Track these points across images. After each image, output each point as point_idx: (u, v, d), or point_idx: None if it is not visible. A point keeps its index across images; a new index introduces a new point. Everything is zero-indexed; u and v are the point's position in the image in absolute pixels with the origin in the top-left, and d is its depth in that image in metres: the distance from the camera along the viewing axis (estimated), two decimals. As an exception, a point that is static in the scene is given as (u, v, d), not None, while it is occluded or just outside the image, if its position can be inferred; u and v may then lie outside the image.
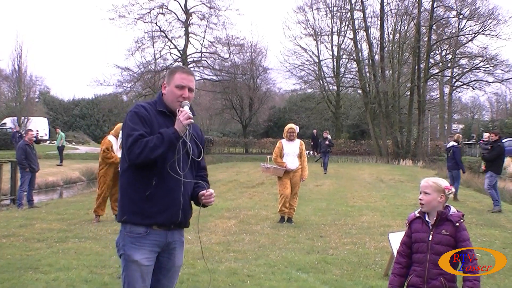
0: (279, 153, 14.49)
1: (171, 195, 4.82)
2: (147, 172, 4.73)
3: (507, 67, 60.30)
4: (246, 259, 10.08)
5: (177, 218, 4.89)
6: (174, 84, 4.96)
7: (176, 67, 5.22)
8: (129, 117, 4.82)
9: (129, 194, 4.81)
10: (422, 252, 5.25)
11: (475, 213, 17.78)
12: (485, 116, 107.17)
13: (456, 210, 5.29)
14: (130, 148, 4.65)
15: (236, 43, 60.75)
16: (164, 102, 5.01)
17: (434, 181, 5.33)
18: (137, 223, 4.78)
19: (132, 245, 4.77)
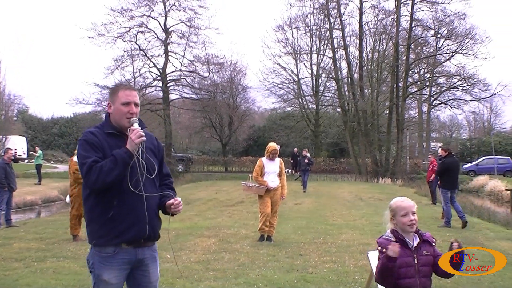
0: (260, 171, 14.49)
1: (134, 211, 4.85)
2: (107, 194, 4.77)
3: (484, 86, 60.92)
4: (226, 277, 10.05)
5: (144, 233, 4.93)
6: (119, 102, 4.99)
7: (118, 85, 5.27)
8: (80, 146, 4.86)
9: (94, 219, 4.87)
10: (411, 276, 5.12)
11: (454, 231, 17.86)
12: (463, 135, 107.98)
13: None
14: (86, 175, 4.70)
15: (215, 61, 60.70)
16: (111, 123, 5.04)
17: (411, 201, 5.32)
18: (106, 244, 4.83)
19: (101, 264, 4.83)
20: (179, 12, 58.10)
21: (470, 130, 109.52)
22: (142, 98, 59.20)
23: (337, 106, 64.51)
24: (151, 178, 4.99)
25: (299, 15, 62.03)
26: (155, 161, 5.10)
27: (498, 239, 16.71)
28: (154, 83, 59.60)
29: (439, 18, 55.87)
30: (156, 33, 58.28)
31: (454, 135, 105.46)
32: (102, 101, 57.62)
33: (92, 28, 55.59)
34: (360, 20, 55.65)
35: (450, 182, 19.65)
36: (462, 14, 55.17)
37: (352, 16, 58.74)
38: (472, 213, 24.67)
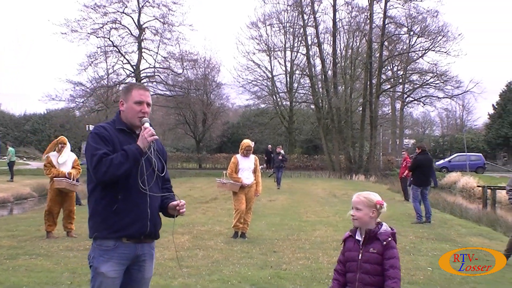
0: (235, 168, 14.49)
1: (137, 208, 4.90)
2: (112, 188, 4.81)
3: (456, 83, 61.41)
4: (200, 274, 10.04)
5: (145, 229, 4.97)
6: (132, 100, 5.05)
7: (132, 84, 5.29)
8: (90, 139, 4.88)
9: (98, 211, 4.89)
10: (353, 271, 5.16)
11: (426, 228, 17.98)
12: (435, 131, 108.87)
13: (388, 228, 5.22)
14: (96, 167, 4.71)
15: (189, 58, 60.74)
16: (122, 120, 5.10)
17: (365, 196, 5.28)
18: (107, 237, 4.85)
19: (101, 257, 4.85)
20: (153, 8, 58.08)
21: (442, 127, 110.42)
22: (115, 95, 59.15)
23: (311, 103, 64.69)
24: (156, 178, 5.06)
25: (273, 12, 62.20)
26: (160, 163, 5.19)
27: (470, 235, 16.85)
28: (128, 79, 59.54)
29: (412, 16, 56.28)
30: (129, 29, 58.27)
31: (427, 132, 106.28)
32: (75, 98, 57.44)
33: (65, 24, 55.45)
34: (333, 17, 55.92)
35: (421, 178, 19.78)
36: (434, 12, 55.58)
37: (325, 13, 59.02)
38: (444, 209, 24.86)
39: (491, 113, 78.26)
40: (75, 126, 63.51)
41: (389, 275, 4.93)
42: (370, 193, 5.37)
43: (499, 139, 74.36)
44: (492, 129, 75.81)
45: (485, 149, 76.25)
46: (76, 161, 14.99)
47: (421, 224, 18.86)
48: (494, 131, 75.05)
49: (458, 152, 67.67)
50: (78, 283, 9.33)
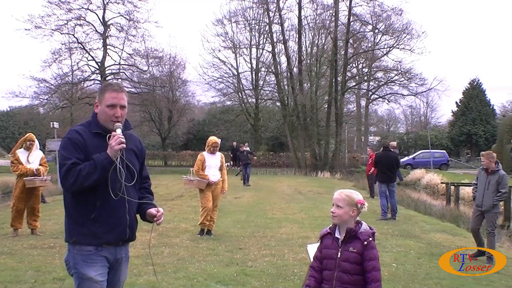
0: (201, 165, 14.47)
1: (116, 214, 4.84)
2: (90, 194, 4.70)
3: (420, 81, 61.93)
4: (165, 272, 10.03)
5: (124, 236, 4.95)
6: (105, 103, 4.89)
7: (106, 85, 5.11)
8: (62, 145, 4.77)
9: (74, 216, 4.79)
10: (330, 269, 5.12)
11: (391, 224, 18.13)
12: (400, 129, 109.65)
13: (368, 227, 5.20)
14: (64, 177, 4.62)
15: (155, 55, 60.45)
16: (98, 122, 4.94)
17: (347, 194, 5.22)
18: (87, 243, 4.77)
19: (84, 262, 4.76)
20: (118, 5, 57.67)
21: (407, 124, 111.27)
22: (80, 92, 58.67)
23: (277, 100, 64.79)
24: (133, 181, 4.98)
25: (239, 9, 62.10)
26: (136, 165, 5.10)
27: (434, 232, 17.04)
28: (93, 76, 59.18)
29: (376, 13, 56.45)
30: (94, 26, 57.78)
31: (392, 129, 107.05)
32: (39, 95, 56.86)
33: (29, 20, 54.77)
34: (299, 14, 55.97)
35: (381, 175, 19.99)
36: (399, 10, 55.87)
37: (291, 10, 59.40)
38: (409, 206, 25.08)
39: (455, 111, 79.11)
40: (39, 124, 62.68)
41: (371, 277, 4.92)
42: (352, 191, 5.33)
43: (462, 136, 75.23)
44: (456, 126, 76.68)
45: (448, 146, 77.03)
46: (43, 158, 14.91)
47: (385, 220, 19.03)
48: (457, 128, 75.91)
49: (422, 149, 68.27)
50: (42, 281, 9.27)
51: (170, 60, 65.43)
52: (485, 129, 73.80)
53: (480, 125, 73.82)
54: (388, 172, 20.07)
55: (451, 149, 76.04)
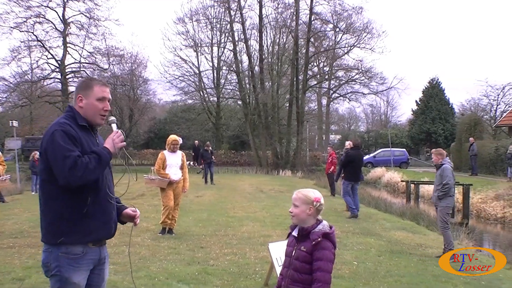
0: (162, 164, 14.42)
1: (106, 210, 4.83)
2: (83, 190, 4.63)
3: (381, 80, 62.52)
4: (127, 271, 9.97)
5: (111, 232, 4.96)
6: (94, 97, 4.84)
7: (91, 79, 5.07)
8: (59, 137, 4.57)
9: (66, 215, 4.63)
10: (286, 266, 5.18)
11: (352, 222, 18.25)
12: (361, 127, 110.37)
13: (327, 226, 5.17)
14: (70, 170, 4.46)
15: (116, 53, 60.04)
16: (82, 116, 4.85)
17: (303, 193, 5.21)
18: (76, 243, 4.66)
19: (70, 266, 4.64)
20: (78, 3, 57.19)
21: (367, 122, 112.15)
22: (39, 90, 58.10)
23: (238, 99, 64.79)
24: (112, 178, 5.04)
25: (200, 7, 61.87)
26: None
27: (394, 229, 17.20)
28: (53, 74, 58.60)
29: (337, 12, 56.71)
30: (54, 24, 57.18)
31: (353, 128, 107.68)
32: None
33: (-14, 18, 54.04)
34: (260, 13, 55.96)
35: (352, 174, 20.11)
36: (359, 9, 56.27)
37: (252, 9, 59.15)
38: (369, 204, 25.28)
39: (415, 109, 79.76)
40: (-3, 123, 62.01)
41: (316, 277, 4.91)
42: (309, 190, 5.31)
43: (422, 135, 75.87)
44: (416, 125, 77.33)
45: (408, 144, 77.63)
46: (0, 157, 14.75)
47: (347, 218, 19.16)
48: (417, 126, 76.56)
49: (382, 148, 68.71)
50: (0, 281, 9.18)
51: (132, 58, 65.08)
52: (444, 127, 74.52)
53: (439, 124, 74.52)
54: (358, 171, 20.27)
55: (411, 147, 76.66)
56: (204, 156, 35.05)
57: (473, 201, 28.69)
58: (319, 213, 5.19)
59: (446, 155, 13.41)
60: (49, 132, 4.64)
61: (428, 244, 14.87)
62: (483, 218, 27.72)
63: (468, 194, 26.98)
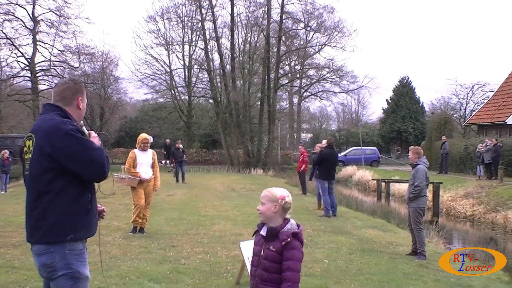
0: (132, 163, 14.37)
1: (94, 211, 4.94)
2: (87, 186, 4.74)
3: (352, 78, 62.94)
4: (97, 270, 9.89)
5: (95, 231, 5.02)
6: (85, 101, 4.99)
7: (81, 83, 5.12)
8: (77, 135, 4.67)
9: (74, 211, 4.67)
10: (254, 265, 5.19)
11: (323, 221, 18.32)
12: (332, 126, 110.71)
13: (295, 225, 5.19)
14: (105, 165, 4.68)
15: (86, 52, 59.60)
16: (74, 119, 4.90)
17: (270, 190, 5.24)
18: (81, 238, 4.75)
19: (79, 262, 4.71)
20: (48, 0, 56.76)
21: (339, 121, 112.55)
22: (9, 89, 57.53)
23: (210, 97, 64.61)
24: None
25: (171, 5, 61.51)
26: None
27: (365, 228, 17.31)
28: (22, 73, 58.00)
29: (308, 11, 56.97)
30: (23, 21, 56.64)
31: (324, 126, 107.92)
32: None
33: (-47, 15, 53.44)
34: (231, 11, 55.91)
35: (326, 172, 20.20)
36: (330, 8, 56.66)
37: (223, 7, 59.17)
38: (340, 202, 25.38)
39: (385, 108, 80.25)
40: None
41: (285, 277, 4.91)
42: (277, 188, 5.34)
43: (393, 133, 76.39)
44: (386, 124, 77.82)
45: (379, 143, 78.09)
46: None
47: (319, 217, 19.23)
48: (388, 125, 77.05)
49: (353, 146, 68.98)
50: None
51: (103, 57, 64.59)
52: (415, 126, 75.05)
53: (409, 122, 75.04)
54: (332, 169, 20.36)
55: (381, 146, 77.11)
56: (175, 154, 34.95)
57: (443, 199, 28.98)
58: (286, 211, 5.22)
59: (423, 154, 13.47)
60: (59, 131, 4.63)
61: (398, 242, 14.98)
62: (453, 216, 28.00)
63: (438, 193, 27.24)
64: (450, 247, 17.55)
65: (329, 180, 20.20)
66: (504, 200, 25.89)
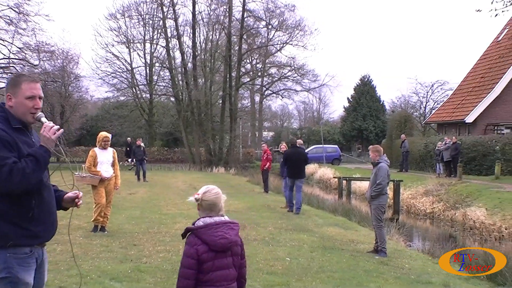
0: (93, 161, 14.26)
1: (49, 210, 4.71)
2: (27, 194, 4.49)
3: (313, 77, 63.33)
4: (58, 270, 9.85)
5: (54, 233, 4.84)
6: (23, 95, 4.65)
7: (19, 76, 4.92)
8: None
9: (12, 218, 4.47)
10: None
11: (285, 218, 18.37)
12: (293, 124, 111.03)
13: (197, 222, 5.22)
14: (7, 178, 4.31)
15: (46, 49, 58.97)
16: (14, 116, 4.67)
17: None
18: (23, 245, 4.52)
19: (21, 266, 4.50)
20: (6, -4, 55.95)
21: (300, 119, 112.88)
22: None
23: (171, 96, 64.41)
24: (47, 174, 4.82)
25: (132, 3, 61.18)
26: None
27: (326, 225, 17.40)
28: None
29: (270, 9, 57.16)
30: (-19, 19, 55.91)
31: (285, 125, 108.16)
32: None
33: None
34: (193, 9, 55.91)
35: (290, 171, 20.40)
36: (291, 6, 56.92)
37: (185, 5, 58.90)
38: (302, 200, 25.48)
39: (346, 106, 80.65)
40: None
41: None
42: (204, 186, 5.51)
43: (354, 131, 76.80)
44: (347, 122, 78.22)
45: (340, 141, 78.45)
46: None
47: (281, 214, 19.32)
48: (349, 123, 77.45)
49: (315, 144, 69.23)
50: None
51: (63, 54, 63.95)
52: (376, 124, 75.54)
53: (370, 121, 75.50)
54: (297, 168, 20.47)
55: (343, 144, 77.49)
56: (136, 153, 34.79)
57: (403, 197, 29.24)
58: (207, 208, 5.27)
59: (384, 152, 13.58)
60: None
61: (359, 239, 15.08)
62: (413, 214, 28.27)
63: (399, 190, 27.49)
64: (410, 244, 17.75)
65: (293, 178, 20.34)
66: (463, 197, 26.20)
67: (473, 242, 20.09)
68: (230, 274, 4.97)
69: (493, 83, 42.99)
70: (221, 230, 4.99)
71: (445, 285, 10.31)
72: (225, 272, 4.93)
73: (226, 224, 5.08)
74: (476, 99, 43.64)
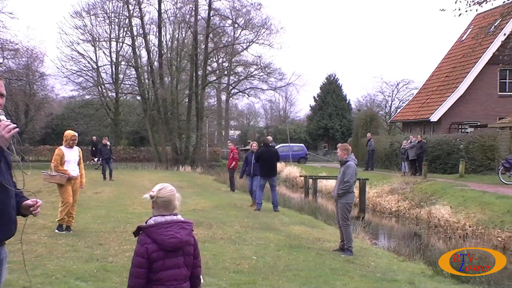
0: (60, 160, 14.16)
1: (5, 210, 4.61)
2: None
3: (280, 76, 63.51)
4: (22, 269, 9.75)
5: (11, 233, 4.75)
6: None
7: None
8: None
9: None
10: None
11: (251, 217, 18.38)
12: (260, 123, 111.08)
13: (149, 220, 5.33)
14: None
15: (10, 47, 58.40)
16: None
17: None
18: None
19: None
20: (-32, -6, 55.33)
21: (267, 118, 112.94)
22: None
23: (137, 94, 64.11)
24: (10, 173, 4.78)
25: (98, 1, 60.67)
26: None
27: (293, 224, 17.46)
28: None
29: (236, 8, 57.19)
30: None
31: (252, 123, 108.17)
32: None
33: None
34: (159, 8, 55.70)
35: (261, 169, 20.54)
36: (258, 5, 56.85)
37: (151, 4, 58.65)
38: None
39: (313, 105, 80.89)
40: None
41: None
42: (163, 184, 5.63)
43: (320, 130, 77.03)
44: (314, 121, 78.43)
45: (307, 140, 78.59)
46: None
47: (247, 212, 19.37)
48: (315, 122, 77.65)
49: (281, 143, 69.37)
50: None
51: (28, 52, 63.34)
52: (341, 123, 75.83)
53: (336, 120, 75.76)
54: (270, 167, 20.57)
55: (309, 142, 77.66)
56: (103, 151, 34.61)
57: (369, 195, 29.44)
58: (161, 206, 5.41)
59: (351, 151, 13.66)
60: None
61: (325, 238, 15.17)
62: (379, 212, 28.46)
63: (365, 189, 27.69)
64: (376, 242, 17.89)
65: (266, 177, 20.48)
66: (428, 195, 26.42)
67: (438, 240, 20.26)
68: (181, 273, 4.99)
69: (457, 82, 43.43)
70: (172, 230, 5.04)
71: (410, 283, 10.41)
72: (175, 272, 4.96)
73: (178, 224, 5.12)
74: (441, 98, 44.05)
